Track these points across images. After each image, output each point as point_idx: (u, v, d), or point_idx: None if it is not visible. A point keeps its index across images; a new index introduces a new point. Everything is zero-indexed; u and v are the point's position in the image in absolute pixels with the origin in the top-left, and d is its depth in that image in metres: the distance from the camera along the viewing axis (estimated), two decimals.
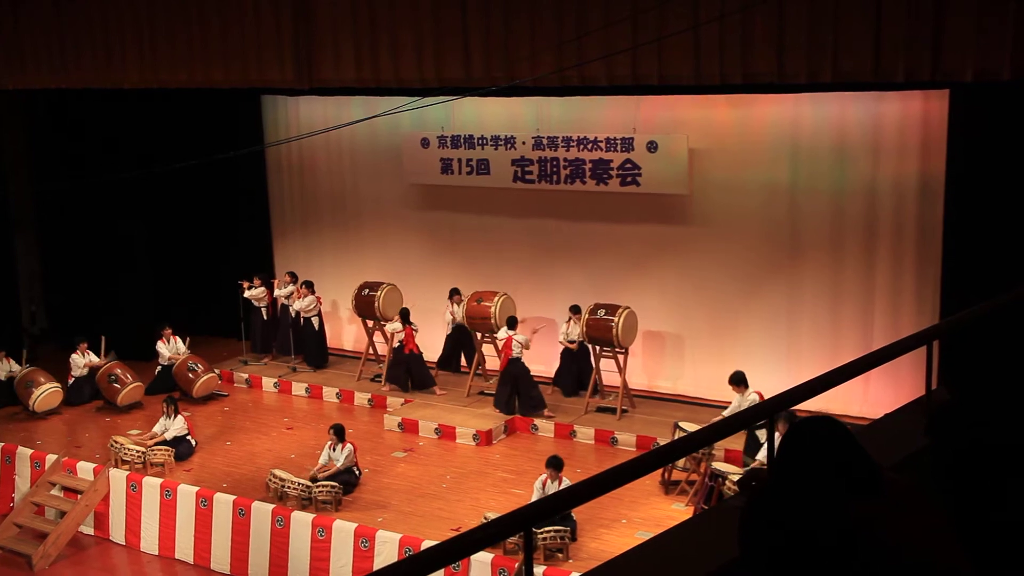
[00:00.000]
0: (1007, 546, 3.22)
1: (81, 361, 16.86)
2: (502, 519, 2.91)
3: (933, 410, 3.43)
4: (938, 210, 13.25)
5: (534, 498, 11.84)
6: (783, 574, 2.56)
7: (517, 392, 15.04)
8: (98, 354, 17.07)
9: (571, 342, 15.43)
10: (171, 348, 17.11)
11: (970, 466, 3.39)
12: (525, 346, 14.84)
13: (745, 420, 4.11)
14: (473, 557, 11.36)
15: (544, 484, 11.82)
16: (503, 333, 15.04)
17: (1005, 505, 3.30)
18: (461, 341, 16.59)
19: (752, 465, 11.78)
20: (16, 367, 16.91)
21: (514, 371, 14.92)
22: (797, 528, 2.59)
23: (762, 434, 12.44)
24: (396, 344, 16.29)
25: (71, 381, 16.85)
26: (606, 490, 2.97)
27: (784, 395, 3.72)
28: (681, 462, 12.63)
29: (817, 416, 2.98)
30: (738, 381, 12.74)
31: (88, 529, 14.23)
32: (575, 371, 15.65)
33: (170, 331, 17.14)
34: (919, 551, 2.83)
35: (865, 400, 13.46)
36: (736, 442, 12.98)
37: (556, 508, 2.88)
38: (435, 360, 16.80)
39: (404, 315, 16.13)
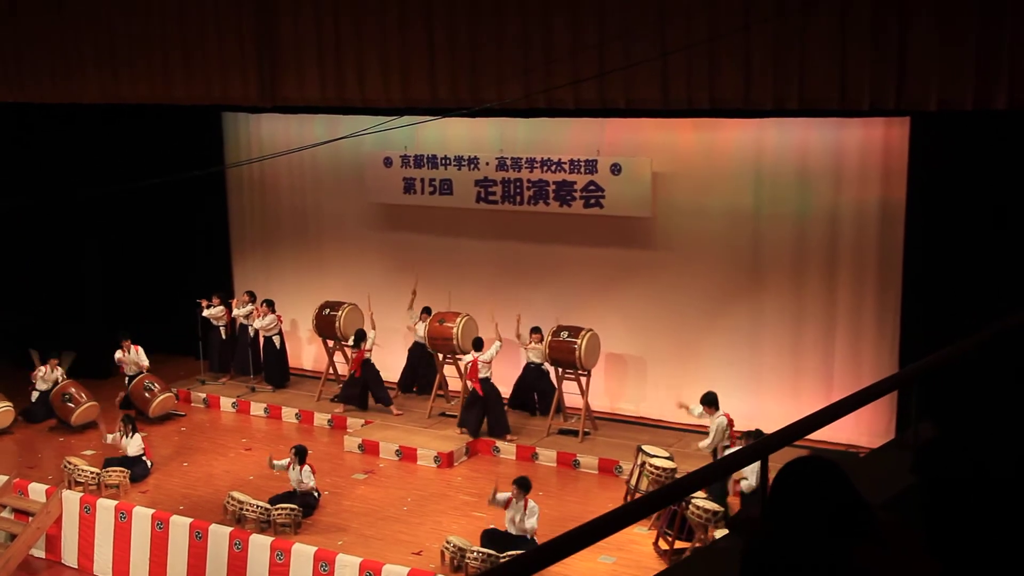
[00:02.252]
0: None
1: (51, 376, 16.54)
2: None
3: (919, 447, 3.42)
4: (898, 236, 13.38)
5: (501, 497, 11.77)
6: None
7: (486, 414, 14.94)
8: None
9: (534, 361, 15.36)
10: (132, 357, 16.79)
11: (956, 505, 3.39)
12: (489, 360, 14.80)
13: (739, 460, 4.05)
14: None
15: (509, 501, 11.73)
16: (469, 357, 14.95)
17: (990, 542, 3.30)
18: (418, 362, 16.48)
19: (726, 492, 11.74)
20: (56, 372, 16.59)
21: (485, 391, 14.83)
22: (792, 571, 2.55)
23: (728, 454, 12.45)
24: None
25: (35, 397, 16.53)
26: (604, 535, 2.91)
27: (781, 432, 3.69)
28: (644, 485, 12.60)
29: (809, 456, 2.95)
30: (709, 403, 12.74)
31: (39, 552, 13.92)
32: (531, 389, 15.57)
33: (129, 341, 16.84)
34: None
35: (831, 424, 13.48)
36: (699, 463, 12.97)
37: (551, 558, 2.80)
38: (395, 381, 16.68)
39: (360, 337, 15.97)
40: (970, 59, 10.12)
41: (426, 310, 16.15)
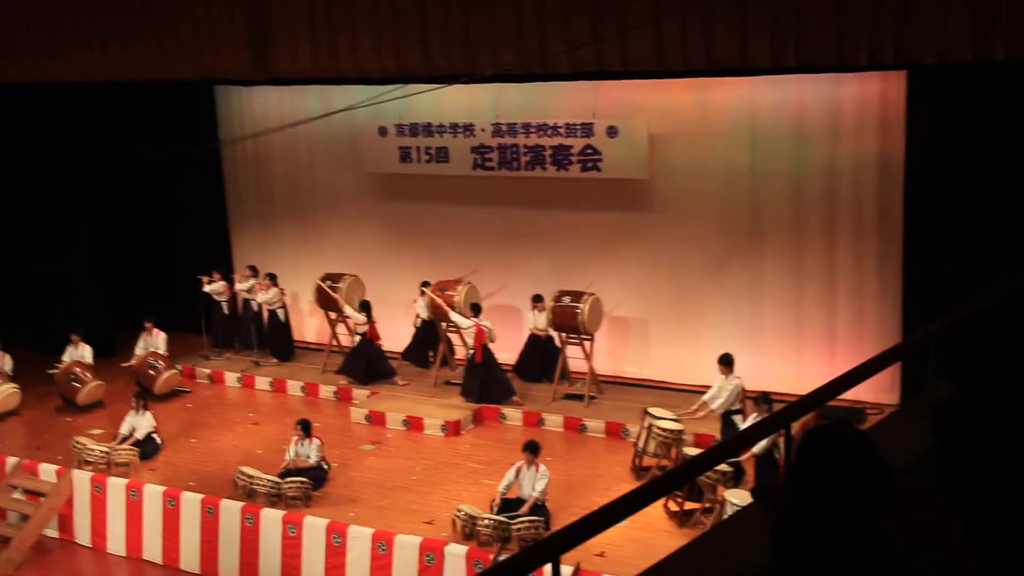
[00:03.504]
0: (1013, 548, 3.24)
1: (76, 353, 16.56)
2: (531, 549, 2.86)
3: (938, 409, 3.43)
4: (898, 190, 13.37)
5: (503, 485, 11.84)
6: None
7: (488, 379, 14.97)
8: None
9: (540, 330, 15.41)
10: (149, 344, 16.84)
11: (977, 466, 3.41)
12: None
13: (763, 431, 4.07)
14: (447, 550, 11.37)
15: (519, 471, 11.80)
16: (468, 322, 14.97)
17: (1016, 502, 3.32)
18: (432, 334, 16.48)
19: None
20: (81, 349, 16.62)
21: (485, 357, 14.86)
22: (821, 542, 2.58)
23: (738, 419, 12.53)
24: (358, 336, 16.18)
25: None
26: (636, 510, 2.94)
27: (801, 401, 3.70)
28: (652, 447, 12.67)
29: (834, 423, 2.97)
30: (727, 363, 12.76)
31: (52, 532, 14.00)
32: (539, 358, 15.63)
33: (152, 324, 16.89)
34: (939, 562, 2.83)
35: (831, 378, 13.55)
36: (706, 426, 13.06)
37: (583, 535, 2.82)
38: (399, 351, 16.69)
39: (366, 308, 16.00)
40: (968, 10, 10.06)
41: (424, 284, 16.14)
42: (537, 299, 15.26)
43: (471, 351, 15.10)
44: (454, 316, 15.12)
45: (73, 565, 13.68)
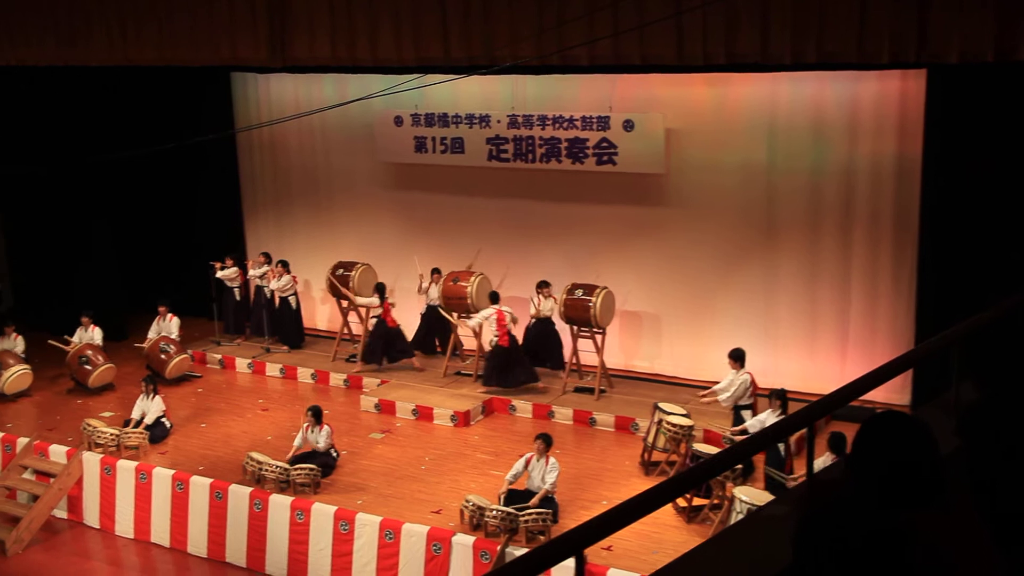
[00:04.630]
0: None
1: (86, 335, 16.61)
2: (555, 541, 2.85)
3: (962, 410, 3.40)
4: (915, 190, 13.30)
5: (511, 474, 11.82)
6: None
7: (513, 363, 14.93)
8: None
9: (545, 315, 15.36)
10: (162, 328, 16.88)
11: (1003, 469, 3.37)
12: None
13: (781, 431, 4.04)
14: (455, 539, 11.37)
15: (528, 461, 11.80)
16: (489, 310, 14.92)
17: None
18: (436, 324, 16.48)
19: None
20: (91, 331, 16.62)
21: (512, 343, 14.85)
22: (856, 541, 2.55)
23: (747, 414, 12.49)
24: (372, 320, 16.17)
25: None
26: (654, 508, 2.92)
27: (824, 400, 3.67)
28: (661, 442, 12.65)
29: (893, 412, 2.94)
30: (737, 358, 12.72)
31: (61, 513, 14.05)
32: (541, 343, 15.58)
33: (165, 309, 16.96)
34: (964, 566, 2.81)
35: (842, 379, 13.51)
36: (714, 422, 13.04)
37: (611, 527, 2.80)
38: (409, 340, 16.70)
39: (380, 290, 16.00)
40: (992, 9, 9.98)
41: (436, 271, 16.13)
42: (542, 285, 15.21)
43: (493, 339, 15.05)
44: (476, 318, 15.09)
45: (81, 546, 13.71)
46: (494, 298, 15.03)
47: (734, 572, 3.14)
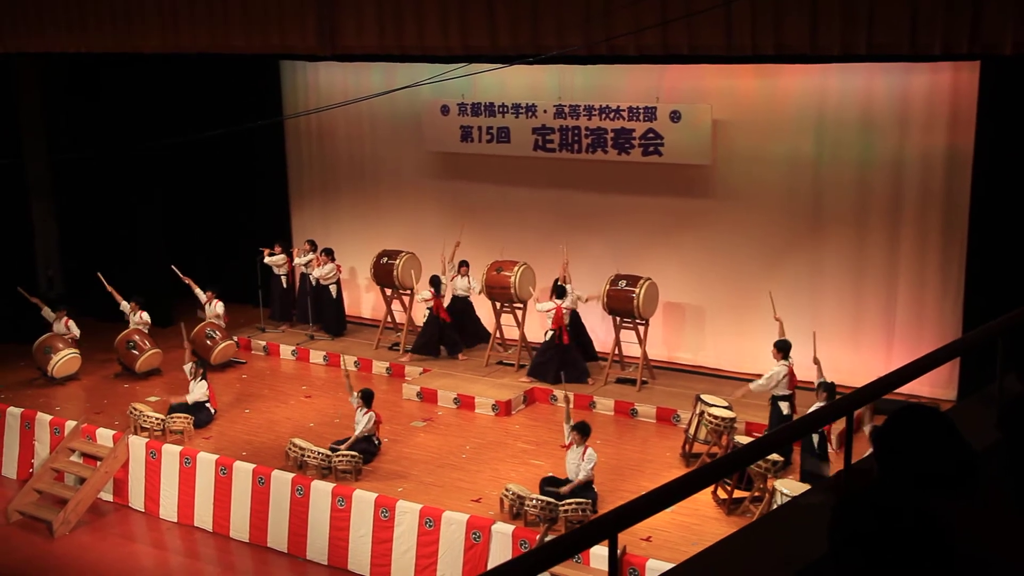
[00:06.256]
0: None
1: (133, 320, 16.81)
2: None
3: (1004, 402, 3.34)
4: (965, 184, 13.11)
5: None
6: (874, 573, 2.49)
7: (570, 362, 14.91)
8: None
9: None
10: (209, 313, 17.07)
11: None
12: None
13: (821, 419, 4.01)
14: (494, 528, 11.39)
15: (567, 449, 11.79)
16: (548, 304, 14.90)
17: None
18: (461, 316, 16.48)
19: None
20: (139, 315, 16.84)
21: (570, 340, 14.85)
22: (891, 529, 2.51)
23: (785, 406, 12.38)
24: (426, 313, 16.19)
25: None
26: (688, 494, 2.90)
27: (864, 389, 3.63)
28: (702, 434, 12.58)
29: (919, 406, 2.91)
30: (780, 348, 12.60)
31: (107, 496, 14.24)
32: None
33: (212, 294, 17.11)
34: (1004, 559, 2.76)
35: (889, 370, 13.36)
36: (757, 414, 12.94)
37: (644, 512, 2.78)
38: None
39: (436, 284, 16.03)
40: None
41: (463, 263, 16.12)
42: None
43: (548, 332, 15.02)
44: (539, 307, 15.08)
45: (126, 529, 13.89)
46: (560, 292, 14.94)
47: (770, 560, 3.11)
